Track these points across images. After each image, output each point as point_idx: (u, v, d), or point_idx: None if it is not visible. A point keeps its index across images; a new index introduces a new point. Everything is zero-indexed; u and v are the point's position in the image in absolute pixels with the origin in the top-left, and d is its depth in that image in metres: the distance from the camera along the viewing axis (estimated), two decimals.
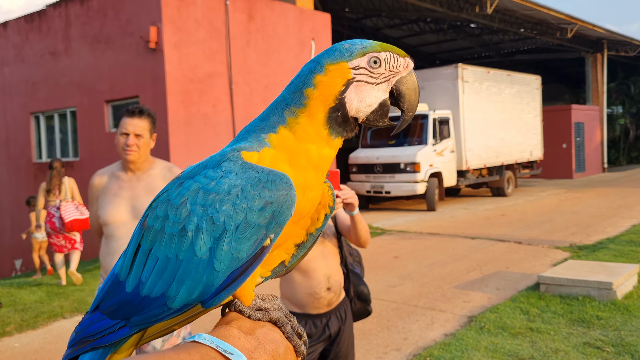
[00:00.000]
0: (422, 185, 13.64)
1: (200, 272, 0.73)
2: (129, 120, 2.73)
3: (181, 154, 8.95)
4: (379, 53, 0.81)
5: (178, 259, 0.74)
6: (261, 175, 0.74)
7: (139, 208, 2.74)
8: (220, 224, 0.72)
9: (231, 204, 0.73)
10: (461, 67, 15.19)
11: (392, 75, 0.83)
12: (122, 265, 0.81)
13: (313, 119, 0.80)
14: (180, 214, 0.75)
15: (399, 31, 23.37)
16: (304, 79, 0.81)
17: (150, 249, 0.77)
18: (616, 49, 24.33)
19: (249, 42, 10.07)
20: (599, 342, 4.48)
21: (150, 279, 0.76)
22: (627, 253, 7.67)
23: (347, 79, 0.80)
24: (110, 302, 0.81)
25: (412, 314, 5.59)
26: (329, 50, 0.83)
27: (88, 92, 10.13)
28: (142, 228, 0.80)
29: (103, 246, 2.81)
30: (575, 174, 22.47)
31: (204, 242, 0.73)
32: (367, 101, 0.81)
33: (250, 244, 0.73)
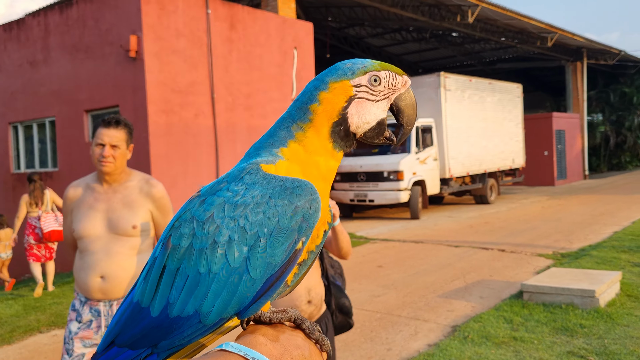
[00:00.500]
0: (406, 193, 13.65)
1: (236, 282, 0.75)
2: (104, 130, 2.65)
3: (162, 164, 8.85)
4: (379, 72, 0.87)
5: (211, 272, 0.75)
6: (286, 183, 0.78)
7: (115, 221, 2.66)
8: (253, 232, 0.75)
9: (262, 212, 0.76)
10: (443, 75, 15.27)
11: (391, 92, 0.88)
12: (142, 291, 0.80)
13: (319, 133, 0.85)
14: (209, 229, 0.76)
15: (381, 40, 23.49)
16: (308, 95, 0.86)
17: (178, 267, 0.77)
18: (596, 58, 24.69)
19: (230, 51, 10.01)
20: (582, 351, 4.46)
21: (180, 298, 0.76)
22: (610, 260, 7.71)
23: (349, 96, 0.85)
24: (132, 333, 0.79)
25: (395, 324, 5.53)
26: (332, 68, 0.88)
27: (67, 101, 9.99)
28: (165, 249, 0.79)
29: (77, 260, 2.71)
30: (557, 181, 22.68)
31: (237, 252, 0.75)
32: (366, 118, 0.86)
33: (284, 249, 0.76)
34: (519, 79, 22.65)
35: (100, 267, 2.62)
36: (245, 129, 10.23)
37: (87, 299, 2.65)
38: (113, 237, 2.65)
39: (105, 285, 2.61)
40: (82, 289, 2.65)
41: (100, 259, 2.63)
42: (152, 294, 0.79)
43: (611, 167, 29.02)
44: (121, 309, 0.83)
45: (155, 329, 0.77)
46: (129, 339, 0.79)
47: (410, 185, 13.78)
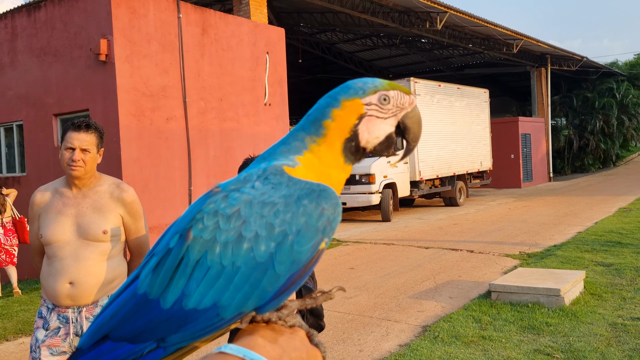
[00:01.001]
0: (377, 196, 13.80)
1: (259, 277, 0.76)
2: (74, 134, 2.60)
3: (133, 169, 8.78)
4: (388, 91, 0.91)
5: (235, 265, 0.76)
6: (312, 185, 0.81)
7: (85, 226, 2.61)
8: (281, 229, 0.77)
9: (291, 210, 0.78)
10: (413, 80, 15.51)
11: (398, 110, 0.93)
12: (151, 282, 0.79)
13: (332, 147, 0.89)
14: (235, 223, 0.78)
15: (352, 46, 23.69)
16: (322, 111, 0.90)
17: (199, 259, 0.77)
18: (559, 64, 25.35)
19: (202, 55, 10.00)
20: (548, 349, 4.62)
21: (198, 290, 0.76)
22: (574, 259, 7.96)
23: (360, 114, 0.90)
24: (135, 326, 0.78)
25: (367, 325, 5.63)
26: (344, 87, 0.92)
27: (35, 105, 9.83)
28: (185, 240, 0.79)
29: (45, 267, 2.65)
30: (523, 184, 23.20)
31: (264, 247, 0.76)
32: (375, 134, 0.91)
33: (310, 247, 0.78)
34: (486, 84, 23.10)
35: (69, 273, 2.58)
36: (217, 133, 10.23)
37: (54, 305, 2.60)
38: (82, 242, 2.61)
39: (74, 292, 2.57)
40: (49, 295, 2.60)
41: (69, 265, 2.58)
42: (165, 285, 0.78)
43: (575, 169, 29.79)
44: (118, 302, 0.82)
45: (165, 322, 0.77)
46: (130, 332, 0.78)
47: (382, 188, 13.95)
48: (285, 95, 11.85)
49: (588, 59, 25.01)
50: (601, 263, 7.72)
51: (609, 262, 7.70)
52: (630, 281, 6.65)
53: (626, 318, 5.30)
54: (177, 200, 9.42)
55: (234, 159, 10.39)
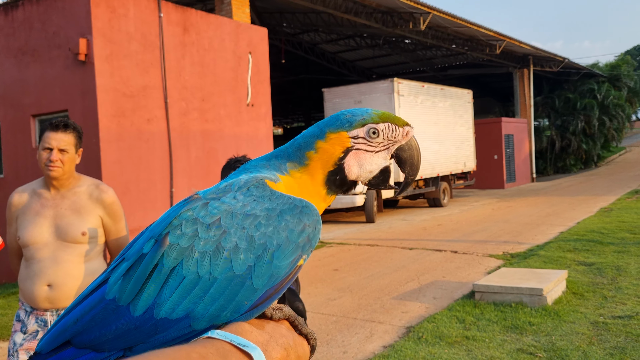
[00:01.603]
0: (361, 197, 13.79)
1: (236, 289, 0.74)
2: (52, 134, 2.56)
3: (113, 170, 8.65)
4: (378, 124, 0.88)
5: (212, 276, 0.73)
6: (295, 201, 0.80)
7: (63, 227, 2.57)
8: (261, 242, 0.75)
9: (272, 224, 0.76)
10: (397, 81, 15.53)
11: (391, 143, 0.91)
12: (121, 288, 0.75)
13: (313, 178, 0.87)
14: (215, 233, 0.75)
15: (336, 46, 23.67)
16: (307, 140, 0.88)
17: (174, 267, 0.74)
18: (541, 65, 25.58)
19: (184, 55, 9.90)
20: (531, 348, 4.62)
21: (171, 299, 0.73)
22: (556, 259, 8.00)
23: (346, 147, 0.87)
24: (100, 332, 0.74)
25: (351, 326, 5.58)
26: (332, 118, 0.89)
27: (13, 106, 9.65)
28: (160, 246, 0.76)
29: (23, 269, 2.61)
30: (506, 184, 23.36)
31: (243, 259, 0.74)
32: (367, 168, 0.89)
33: (289, 262, 0.76)
34: (469, 85, 23.22)
35: (48, 275, 2.54)
36: (199, 134, 10.12)
37: (33, 308, 2.56)
38: (61, 244, 2.57)
39: (52, 294, 2.53)
40: (27, 298, 2.56)
41: (48, 267, 2.55)
42: (136, 292, 0.75)
43: (557, 170, 30.08)
44: (84, 306, 0.77)
45: (135, 330, 0.74)
46: (95, 339, 0.74)
47: (365, 189, 13.93)
48: (268, 95, 11.78)
49: (569, 60, 25.27)
50: (583, 262, 7.77)
51: (591, 262, 7.75)
52: (611, 280, 6.69)
53: (607, 317, 5.32)
54: (158, 202, 9.30)
55: (216, 160, 10.29)
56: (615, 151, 36.35)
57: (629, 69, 32.97)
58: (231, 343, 0.69)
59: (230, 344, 0.69)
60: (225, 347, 0.68)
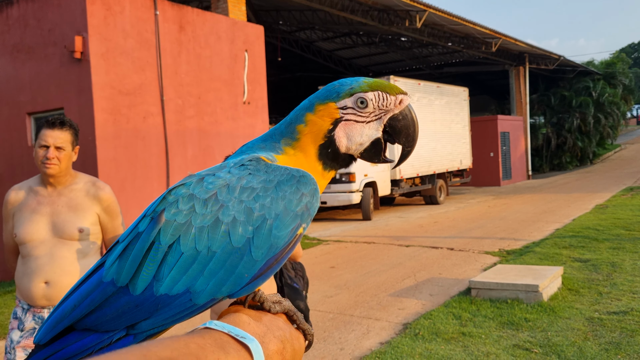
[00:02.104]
0: (358, 195, 13.80)
1: (235, 261, 0.74)
2: (48, 131, 2.56)
3: (110, 168, 8.64)
4: (366, 93, 0.85)
5: (210, 250, 0.73)
6: (292, 171, 0.79)
7: (60, 225, 2.58)
8: (260, 213, 0.75)
9: (270, 195, 0.76)
10: (393, 79, 15.54)
11: (383, 113, 0.86)
12: (118, 269, 0.75)
13: (306, 153, 0.86)
14: (212, 207, 0.75)
15: (332, 44, 23.67)
16: (297, 114, 0.87)
17: (171, 244, 0.74)
18: (537, 62, 25.63)
19: (180, 53, 9.88)
20: (527, 344, 4.64)
21: (170, 275, 0.73)
22: (552, 256, 8.03)
23: (334, 118, 0.85)
24: (101, 314, 0.74)
25: (348, 323, 5.60)
26: (322, 90, 0.88)
27: (8, 103, 9.62)
28: (156, 224, 0.75)
29: (20, 266, 2.61)
30: (502, 182, 23.41)
31: (242, 231, 0.74)
32: (357, 139, 0.86)
33: (288, 232, 0.76)
34: (465, 82, 23.26)
35: (45, 273, 2.54)
36: (195, 132, 10.12)
37: (30, 306, 2.56)
38: (58, 241, 2.58)
39: (49, 291, 2.53)
40: (25, 295, 2.57)
41: (45, 264, 2.55)
42: (134, 271, 0.74)
43: (553, 167, 30.16)
44: (80, 293, 0.77)
45: (136, 309, 0.74)
46: (96, 320, 0.74)
47: (362, 187, 13.95)
48: (265, 93, 11.77)
49: (565, 58, 25.33)
50: (578, 259, 7.80)
51: (586, 258, 7.79)
52: (607, 276, 6.73)
53: (602, 312, 5.35)
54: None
55: (213, 158, 10.29)
56: (611, 148, 36.47)
57: (624, 66, 33.11)
58: (229, 334, 0.69)
59: (228, 335, 0.69)
60: (223, 338, 0.68)
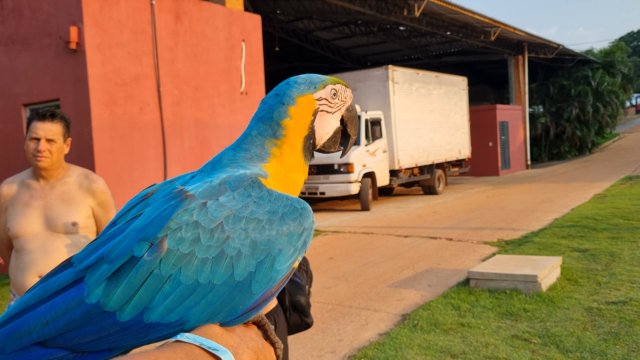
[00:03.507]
0: (356, 185, 13.77)
1: (233, 294, 0.73)
2: (39, 124, 2.52)
3: (106, 159, 8.59)
4: (335, 85, 0.91)
5: (211, 283, 0.72)
6: (294, 202, 0.79)
7: (53, 218, 2.55)
8: (264, 248, 0.74)
9: (275, 229, 0.76)
10: (391, 68, 15.45)
11: (342, 104, 0.93)
12: (106, 292, 0.70)
13: (293, 148, 0.86)
14: (218, 238, 0.73)
15: (330, 33, 23.54)
16: (277, 111, 0.86)
17: (171, 274, 0.71)
18: (536, 51, 25.52)
19: (176, 43, 9.81)
20: (526, 335, 4.63)
21: (165, 304, 0.71)
22: (551, 246, 8.02)
23: (314, 109, 0.88)
24: (80, 333, 0.70)
25: (346, 314, 5.59)
26: (292, 83, 0.89)
27: (3, 95, 9.55)
28: (157, 251, 0.71)
29: (13, 260, 2.60)
30: (501, 171, 23.39)
31: (245, 265, 0.73)
32: (326, 129, 0.90)
33: (287, 266, 0.76)
34: (464, 72, 23.19)
35: (38, 266, 2.52)
36: (192, 123, 10.06)
37: None
38: (51, 234, 2.55)
39: None
40: (19, 289, 2.54)
41: (38, 258, 2.52)
42: (127, 299, 0.71)
43: (551, 156, 30.14)
44: (53, 308, 0.72)
45: (122, 332, 0.71)
46: (72, 340, 0.70)
47: (361, 177, 13.92)
48: (262, 84, 11.71)
49: (564, 46, 25.23)
50: (577, 249, 7.79)
51: (585, 248, 7.78)
52: (605, 266, 6.72)
53: (601, 302, 5.34)
54: None
55: (210, 150, 10.24)
56: (609, 138, 36.44)
57: (623, 55, 33.01)
58: (201, 347, 0.67)
59: (200, 348, 0.67)
60: (195, 351, 0.66)
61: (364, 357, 4.36)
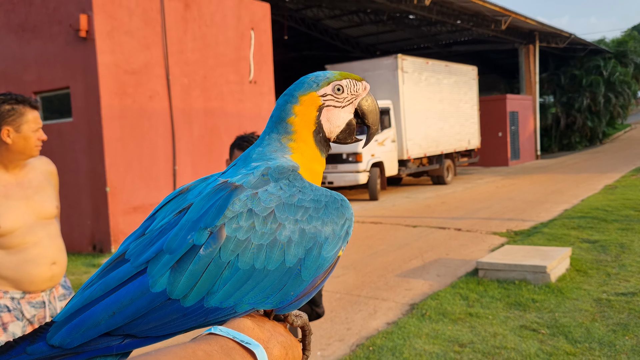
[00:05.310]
0: (365, 175, 13.76)
1: (285, 280, 0.77)
2: (36, 113, 2.49)
3: (116, 147, 8.63)
4: (341, 81, 0.95)
5: (266, 269, 0.76)
6: (334, 194, 0.85)
7: (38, 206, 2.51)
8: (312, 236, 0.79)
9: (321, 218, 0.80)
10: (401, 57, 15.36)
11: (354, 98, 0.96)
12: (171, 281, 0.75)
13: (306, 142, 0.92)
14: (271, 226, 0.77)
15: (339, 22, 23.41)
16: (283, 110, 0.94)
17: (229, 260, 0.76)
18: (547, 41, 25.27)
19: (185, 31, 9.79)
20: (534, 325, 4.62)
21: (224, 289, 0.76)
22: (560, 237, 7.98)
23: (318, 105, 0.93)
24: (145, 320, 0.75)
25: (355, 303, 5.60)
26: (298, 83, 0.96)
27: (14, 83, 9.60)
28: (216, 239, 0.75)
29: (8, 256, 2.43)
30: (510, 162, 23.26)
31: (295, 252, 0.78)
32: (336, 123, 0.95)
33: (333, 254, 0.81)
34: (474, 61, 22.97)
35: (51, 254, 2.51)
36: (202, 112, 10.07)
37: (25, 293, 2.46)
38: (44, 222, 2.53)
39: (55, 272, 2.52)
40: (22, 284, 2.45)
41: (49, 246, 2.50)
42: (192, 286, 0.75)
43: (562, 147, 29.92)
44: (118, 299, 0.75)
45: (183, 317, 0.75)
46: (137, 327, 0.75)
47: (369, 167, 13.89)
48: (271, 72, 11.68)
49: (576, 36, 24.96)
50: (587, 240, 7.75)
51: (595, 239, 7.74)
52: (615, 257, 6.68)
53: (610, 294, 5.32)
54: (161, 180, 9.29)
55: (219, 138, 10.25)
56: (620, 128, 36.10)
57: (636, 45, 32.52)
58: (234, 340, 0.70)
59: (233, 341, 0.70)
60: (228, 344, 0.69)
61: (372, 346, 4.37)
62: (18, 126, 2.45)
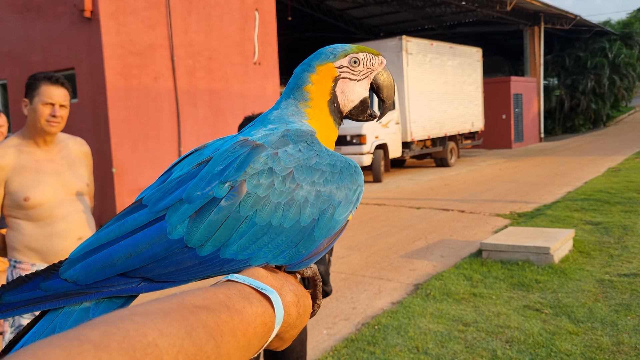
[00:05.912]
0: (368, 157, 13.77)
1: (298, 238, 0.80)
2: (53, 88, 2.50)
3: (122, 128, 8.66)
4: (357, 54, 0.96)
5: (282, 226, 0.79)
6: (349, 160, 0.87)
7: (69, 182, 2.60)
8: (326, 198, 0.81)
9: (336, 182, 0.83)
10: (405, 39, 15.27)
11: (370, 71, 0.98)
12: (190, 230, 0.77)
13: (321, 110, 0.94)
14: (289, 185, 0.80)
15: (343, 3, 23.22)
16: (300, 78, 0.96)
17: (248, 215, 0.78)
18: (552, 22, 25.06)
19: (190, 12, 9.75)
20: (537, 305, 4.69)
21: (240, 242, 0.78)
22: (563, 219, 8.03)
23: (334, 76, 0.95)
24: (161, 265, 0.77)
25: (360, 283, 5.67)
26: (317, 53, 0.97)
27: (19, 63, 9.60)
28: (237, 193, 0.78)
29: (36, 229, 2.51)
30: (514, 144, 23.23)
31: (310, 212, 0.80)
32: (350, 97, 0.96)
33: (344, 217, 0.83)
34: (478, 43, 22.80)
35: (78, 229, 2.58)
36: (206, 93, 10.07)
37: None
38: (72, 198, 2.60)
39: None
40: (49, 257, 2.52)
41: (76, 221, 2.57)
42: (209, 237, 0.78)
43: (565, 129, 29.83)
44: (136, 242, 0.78)
45: (199, 266, 0.78)
46: (152, 271, 0.77)
47: (373, 149, 13.91)
48: (275, 53, 11.64)
49: (581, 17, 24.73)
50: (590, 222, 7.80)
51: (598, 221, 7.78)
52: (618, 239, 6.73)
53: (613, 275, 5.38)
54: (167, 160, 9.34)
55: (224, 119, 10.27)
56: (625, 111, 35.93)
57: None
58: (250, 286, 0.73)
59: (250, 287, 0.73)
60: (245, 290, 0.72)
61: (378, 325, 4.44)
62: (32, 98, 2.54)
